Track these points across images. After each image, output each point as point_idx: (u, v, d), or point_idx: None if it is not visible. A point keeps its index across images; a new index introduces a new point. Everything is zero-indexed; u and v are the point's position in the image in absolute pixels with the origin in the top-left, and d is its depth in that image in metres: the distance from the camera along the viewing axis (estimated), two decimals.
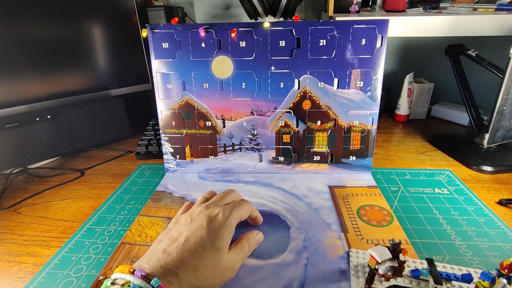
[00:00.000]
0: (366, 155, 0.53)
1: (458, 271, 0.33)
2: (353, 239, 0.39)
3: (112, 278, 0.28)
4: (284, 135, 0.54)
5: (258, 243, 0.38)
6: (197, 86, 0.52)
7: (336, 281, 0.33)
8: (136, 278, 0.27)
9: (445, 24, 0.57)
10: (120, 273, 0.27)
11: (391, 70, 0.91)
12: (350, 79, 0.50)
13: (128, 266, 0.28)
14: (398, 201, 0.47)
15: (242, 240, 0.36)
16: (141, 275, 0.27)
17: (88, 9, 0.66)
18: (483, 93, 0.70)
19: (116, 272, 0.28)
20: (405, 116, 0.80)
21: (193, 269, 0.29)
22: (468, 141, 0.62)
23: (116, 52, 0.72)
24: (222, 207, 0.35)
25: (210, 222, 0.33)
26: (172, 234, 0.33)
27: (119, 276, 0.27)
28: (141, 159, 0.64)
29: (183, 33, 0.50)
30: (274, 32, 0.49)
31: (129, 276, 0.27)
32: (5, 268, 0.38)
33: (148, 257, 0.30)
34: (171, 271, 0.28)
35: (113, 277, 0.28)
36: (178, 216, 0.37)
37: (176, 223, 0.35)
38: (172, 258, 0.29)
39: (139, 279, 0.26)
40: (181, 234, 0.32)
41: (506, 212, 0.44)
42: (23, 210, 0.50)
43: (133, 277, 0.27)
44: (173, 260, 0.29)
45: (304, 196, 0.48)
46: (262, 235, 0.39)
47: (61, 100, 0.66)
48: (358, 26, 0.47)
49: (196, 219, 0.34)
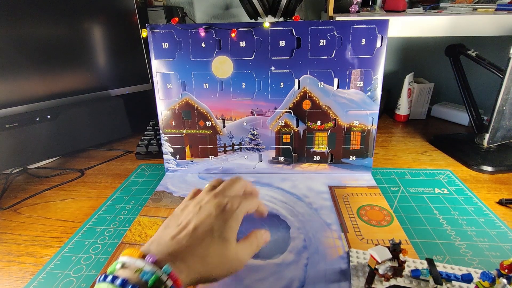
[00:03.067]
0: (366, 155, 0.53)
1: (458, 271, 0.33)
2: (353, 239, 0.39)
3: (120, 261, 0.27)
4: (284, 135, 0.54)
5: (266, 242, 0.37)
6: (197, 86, 0.52)
7: (336, 281, 0.33)
8: (147, 264, 0.26)
9: (445, 24, 0.57)
10: (129, 257, 0.27)
11: (391, 70, 0.91)
12: (350, 79, 0.50)
13: (136, 250, 0.28)
14: (398, 201, 0.47)
15: (251, 236, 0.35)
16: (152, 261, 0.27)
17: (88, 9, 0.66)
18: (483, 93, 0.70)
19: (124, 255, 0.27)
20: (405, 116, 0.80)
21: (201, 258, 0.29)
22: (468, 141, 0.62)
23: (116, 52, 0.72)
24: (230, 198, 0.35)
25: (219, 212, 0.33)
26: (181, 221, 0.33)
27: (128, 260, 0.27)
28: (141, 159, 0.64)
29: (183, 33, 0.50)
30: (274, 32, 0.49)
31: (140, 261, 0.26)
32: (5, 268, 0.38)
33: (157, 243, 0.30)
34: (180, 258, 0.28)
35: (121, 260, 0.27)
36: (185, 202, 0.37)
37: (183, 210, 0.35)
38: (181, 246, 0.29)
39: (150, 265, 0.26)
40: (190, 222, 0.32)
41: (506, 212, 0.44)
42: (23, 210, 0.50)
43: (144, 262, 0.26)
44: (182, 247, 0.29)
45: (304, 196, 0.48)
46: (269, 234, 0.38)
47: (61, 100, 0.66)
48: (358, 26, 0.47)
49: (205, 208, 0.33)
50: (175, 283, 0.26)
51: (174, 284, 0.26)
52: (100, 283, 0.25)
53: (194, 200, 0.36)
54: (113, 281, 0.25)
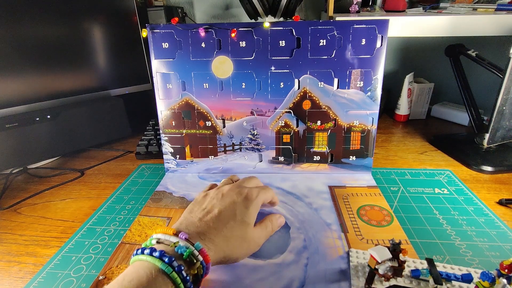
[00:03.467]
0: (366, 155, 0.53)
1: (458, 271, 0.33)
2: (353, 239, 0.39)
3: (155, 237, 0.30)
4: (284, 135, 0.54)
5: (280, 226, 0.41)
6: (197, 86, 0.52)
7: (336, 281, 0.33)
8: (181, 240, 0.29)
9: (445, 24, 0.57)
10: (163, 234, 0.30)
11: (391, 70, 0.91)
12: (350, 79, 0.50)
13: (170, 228, 0.31)
14: (398, 201, 0.47)
15: (266, 220, 0.39)
16: (185, 238, 0.29)
17: (88, 9, 0.66)
18: (483, 93, 0.70)
19: (158, 233, 0.30)
20: (405, 116, 0.80)
21: (225, 238, 0.32)
22: (468, 141, 0.62)
23: (116, 52, 0.72)
24: (249, 188, 0.38)
25: (241, 198, 0.36)
26: (205, 206, 0.36)
27: (163, 236, 0.30)
28: (141, 159, 0.64)
29: (183, 33, 0.50)
30: (274, 32, 0.49)
31: (174, 237, 0.29)
32: (5, 268, 0.38)
33: (186, 224, 0.33)
34: (208, 238, 0.31)
35: (156, 237, 0.30)
36: (205, 191, 0.40)
37: (205, 197, 0.38)
38: (209, 227, 0.32)
39: (184, 241, 0.29)
40: (215, 207, 0.35)
41: (506, 212, 0.44)
42: (23, 210, 0.50)
43: (178, 238, 0.29)
44: (210, 228, 0.32)
45: (304, 196, 0.48)
46: (283, 219, 0.42)
47: (61, 100, 0.66)
48: (358, 26, 0.47)
49: (227, 194, 0.37)
50: (204, 258, 0.29)
51: (204, 259, 0.29)
52: (137, 256, 0.28)
53: (215, 189, 0.40)
54: (151, 253, 0.27)
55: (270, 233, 0.39)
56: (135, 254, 0.28)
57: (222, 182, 0.43)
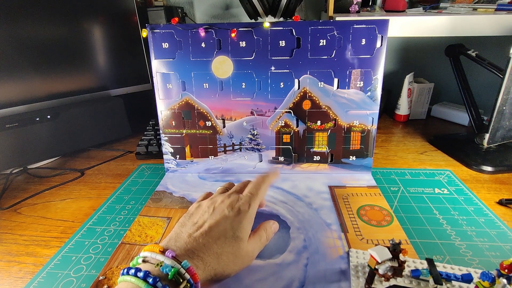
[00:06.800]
0: (366, 155, 0.53)
1: (458, 271, 0.33)
2: (353, 239, 0.39)
3: (141, 255, 0.29)
4: (284, 135, 0.54)
5: (275, 233, 0.39)
6: (197, 86, 0.52)
7: (336, 281, 0.33)
8: (167, 258, 0.28)
9: (445, 24, 0.57)
10: (150, 252, 0.29)
11: (391, 70, 0.91)
12: (350, 79, 0.50)
13: (157, 246, 0.29)
14: (398, 201, 0.47)
15: (260, 229, 0.37)
16: (172, 256, 0.28)
17: (88, 9, 0.66)
18: (483, 93, 0.70)
19: (145, 251, 0.29)
20: (405, 116, 0.80)
21: (216, 255, 0.31)
22: (468, 141, 0.62)
23: (116, 52, 0.72)
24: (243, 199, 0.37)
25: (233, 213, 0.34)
26: (196, 220, 0.34)
27: (149, 255, 0.29)
28: (141, 159, 0.64)
29: (183, 33, 0.50)
30: (274, 32, 0.49)
31: (160, 256, 0.28)
32: (5, 268, 0.38)
33: (175, 240, 0.32)
34: (197, 255, 0.30)
35: (142, 255, 0.29)
36: (199, 201, 0.39)
37: (198, 208, 0.37)
38: (198, 244, 0.31)
39: (170, 259, 0.28)
40: (205, 222, 0.34)
41: (506, 212, 0.44)
42: (23, 210, 0.50)
43: (164, 257, 0.28)
44: (199, 245, 0.31)
45: (304, 196, 0.48)
46: (277, 225, 0.40)
47: (61, 100, 0.66)
48: (358, 26, 0.47)
49: (219, 208, 0.35)
50: (192, 277, 0.28)
51: (192, 278, 0.28)
52: (123, 276, 0.27)
53: (208, 200, 0.38)
54: (136, 274, 0.27)
55: (265, 243, 0.37)
56: (122, 274, 0.28)
57: (217, 191, 0.41)
